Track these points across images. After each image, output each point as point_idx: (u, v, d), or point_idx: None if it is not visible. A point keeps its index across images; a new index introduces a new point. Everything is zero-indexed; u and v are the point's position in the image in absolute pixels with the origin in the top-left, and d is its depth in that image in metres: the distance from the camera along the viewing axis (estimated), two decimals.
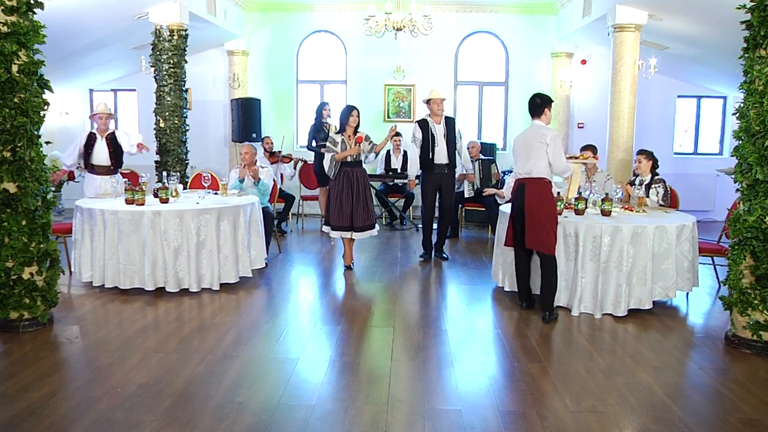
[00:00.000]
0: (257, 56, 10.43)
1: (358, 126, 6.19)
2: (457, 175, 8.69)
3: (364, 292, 5.71)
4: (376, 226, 6.36)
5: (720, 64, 8.76)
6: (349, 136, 6.16)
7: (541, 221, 4.68)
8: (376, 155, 6.32)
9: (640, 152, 6.02)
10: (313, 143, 8.42)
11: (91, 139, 6.49)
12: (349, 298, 5.47)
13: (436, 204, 6.97)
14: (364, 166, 6.29)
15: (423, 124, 6.71)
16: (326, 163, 6.25)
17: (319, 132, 8.38)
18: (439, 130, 6.71)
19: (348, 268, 6.39)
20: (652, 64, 8.28)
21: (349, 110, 6.17)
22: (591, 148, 6.35)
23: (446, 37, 10.11)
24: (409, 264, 6.76)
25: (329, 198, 6.32)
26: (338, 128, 6.28)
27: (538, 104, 4.90)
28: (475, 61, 10.53)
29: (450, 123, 6.79)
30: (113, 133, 6.58)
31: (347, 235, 6.27)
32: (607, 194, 5.22)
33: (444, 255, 7.00)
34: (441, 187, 6.85)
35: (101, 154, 6.51)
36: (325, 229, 6.39)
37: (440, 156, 6.70)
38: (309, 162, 9.07)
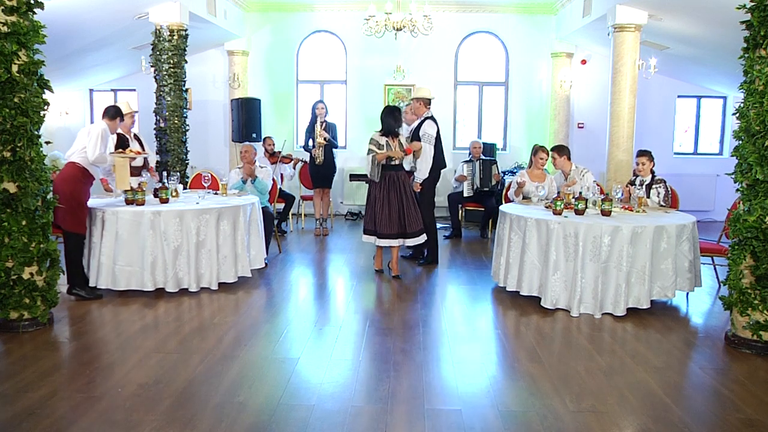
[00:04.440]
0: (257, 56, 10.43)
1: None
2: (456, 176, 8.73)
3: (364, 291, 5.71)
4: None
5: (720, 64, 8.76)
6: (393, 138, 5.93)
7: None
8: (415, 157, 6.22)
9: (643, 154, 5.92)
10: (310, 143, 8.30)
11: (124, 142, 6.13)
12: (349, 298, 5.47)
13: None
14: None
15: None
16: (368, 167, 5.93)
17: (314, 132, 8.28)
18: (404, 131, 6.45)
19: (380, 272, 6.19)
20: (652, 64, 8.28)
21: (399, 113, 5.98)
22: (551, 151, 6.35)
23: (446, 37, 10.11)
24: (411, 264, 6.75)
25: (372, 204, 5.99)
26: (384, 131, 5.95)
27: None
28: (475, 61, 10.53)
29: (419, 126, 6.35)
30: (135, 134, 6.38)
31: (397, 243, 5.97)
32: (607, 194, 5.22)
33: (420, 260, 6.69)
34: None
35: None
36: (368, 239, 6.05)
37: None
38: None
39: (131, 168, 6.18)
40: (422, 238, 6.08)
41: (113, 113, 5.34)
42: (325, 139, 8.04)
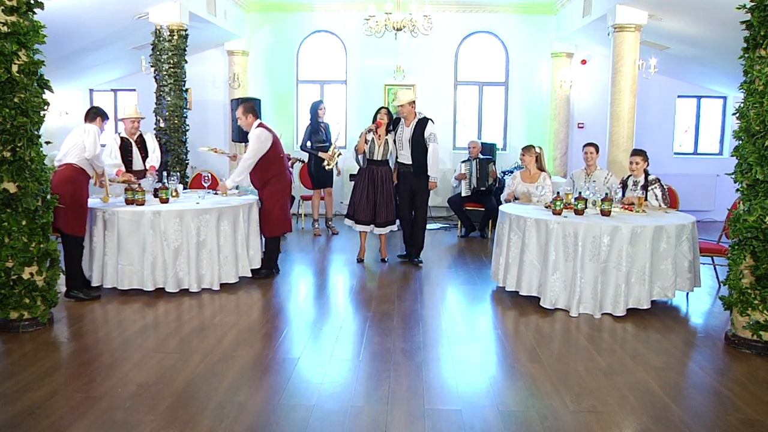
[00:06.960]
0: (257, 56, 10.43)
1: (389, 125, 6.53)
2: (456, 175, 8.73)
3: (364, 291, 5.71)
4: (396, 222, 6.69)
5: (720, 64, 8.76)
6: (380, 135, 6.47)
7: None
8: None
9: (637, 153, 5.88)
10: (308, 144, 8.18)
11: (127, 145, 6.05)
12: (349, 298, 5.47)
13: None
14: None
15: (396, 122, 6.67)
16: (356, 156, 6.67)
17: (316, 133, 8.14)
18: (405, 134, 6.53)
19: (361, 261, 6.77)
20: (652, 64, 8.28)
21: (378, 110, 6.58)
22: (593, 146, 6.34)
23: (446, 37, 10.10)
24: (409, 264, 6.75)
25: (354, 192, 6.64)
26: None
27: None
28: (475, 61, 10.52)
29: (419, 126, 6.45)
30: (141, 135, 6.21)
31: (367, 229, 6.60)
32: (607, 194, 5.22)
33: (418, 260, 6.70)
34: (412, 190, 6.61)
35: (138, 159, 6.13)
36: (348, 222, 6.71)
37: (403, 157, 6.58)
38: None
39: (135, 172, 6.11)
40: (390, 229, 6.64)
41: (93, 114, 5.28)
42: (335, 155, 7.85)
